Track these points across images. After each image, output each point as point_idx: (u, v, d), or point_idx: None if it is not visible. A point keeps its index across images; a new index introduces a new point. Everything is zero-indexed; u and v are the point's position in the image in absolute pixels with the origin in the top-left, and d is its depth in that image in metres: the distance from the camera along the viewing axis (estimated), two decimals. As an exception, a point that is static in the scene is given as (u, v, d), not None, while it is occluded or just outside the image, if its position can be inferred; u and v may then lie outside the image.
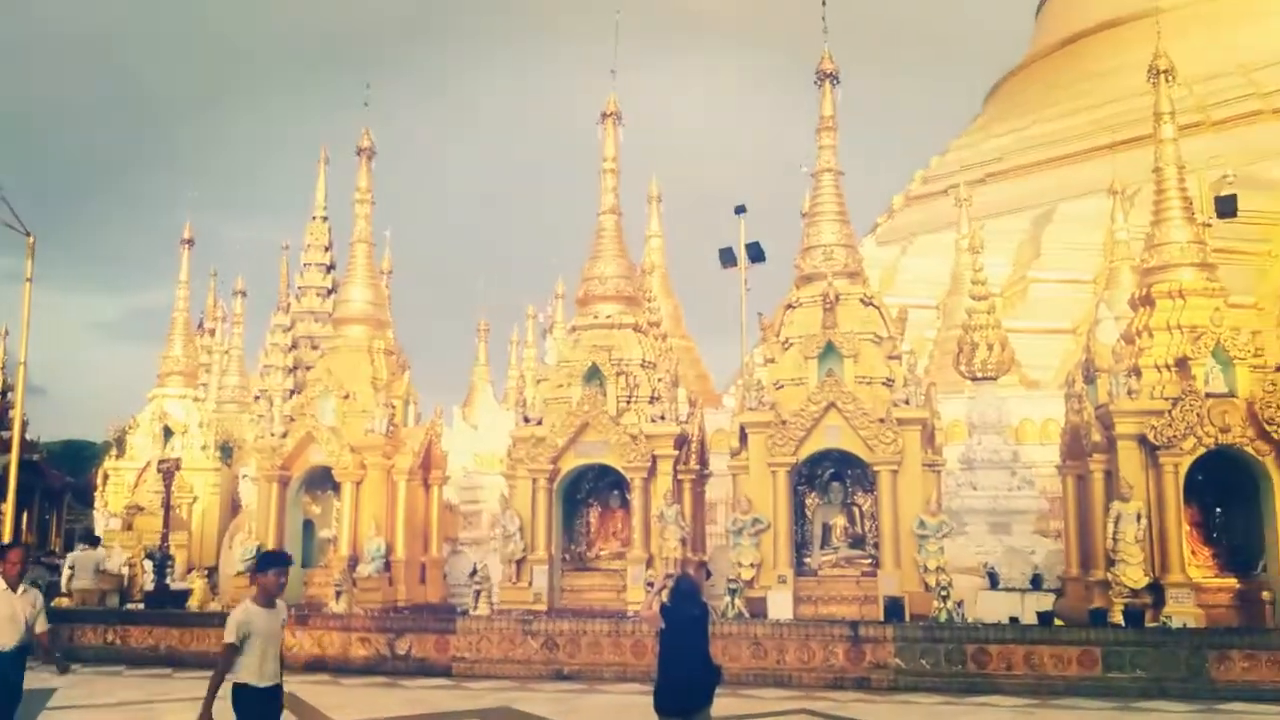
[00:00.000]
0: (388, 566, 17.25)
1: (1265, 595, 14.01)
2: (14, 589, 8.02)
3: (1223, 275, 15.95)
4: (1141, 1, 32.65)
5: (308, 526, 18.52)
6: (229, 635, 6.54)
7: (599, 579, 16.51)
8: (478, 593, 16.15)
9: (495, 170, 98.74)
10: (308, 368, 24.22)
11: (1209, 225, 21.63)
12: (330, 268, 29.53)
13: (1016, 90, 49.58)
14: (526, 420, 16.87)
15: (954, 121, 53.86)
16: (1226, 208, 26.94)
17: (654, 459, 15.95)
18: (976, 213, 32.55)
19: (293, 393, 24.93)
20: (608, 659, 14.29)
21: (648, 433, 16.00)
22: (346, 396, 17.84)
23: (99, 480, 26.02)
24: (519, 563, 16.23)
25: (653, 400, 16.50)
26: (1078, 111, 41.07)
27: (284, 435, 17.84)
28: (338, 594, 16.26)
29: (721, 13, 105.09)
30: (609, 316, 17.25)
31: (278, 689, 6.72)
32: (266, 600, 6.67)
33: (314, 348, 26.52)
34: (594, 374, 16.54)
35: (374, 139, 19.33)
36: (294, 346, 28.34)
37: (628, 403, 16.44)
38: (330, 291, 28.93)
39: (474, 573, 16.65)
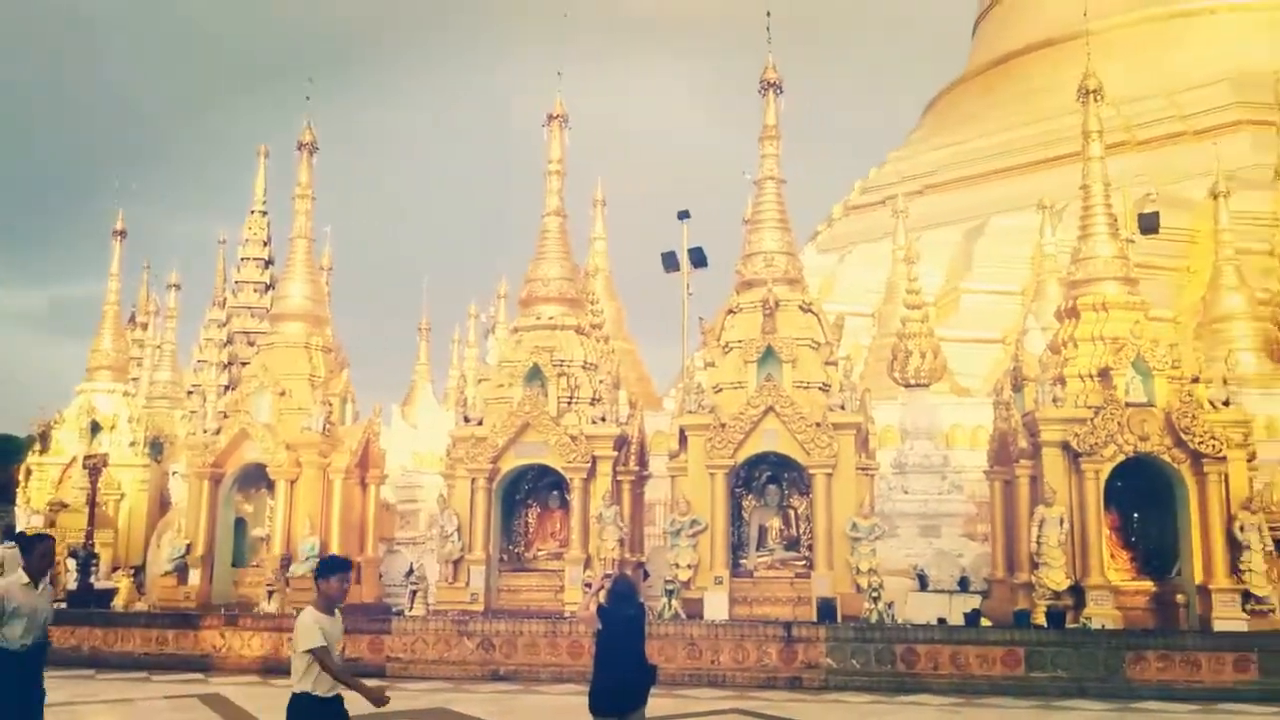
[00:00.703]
0: (322, 566, 17.07)
1: (1179, 598, 14.58)
2: (36, 584, 7.38)
3: (1144, 290, 16.58)
4: (1073, 23, 33.65)
5: (239, 525, 18.28)
6: (315, 639, 6.28)
7: (537, 579, 16.56)
8: (414, 593, 16.09)
9: (441, 171, 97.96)
10: (243, 364, 23.84)
11: (1132, 241, 22.41)
12: (269, 263, 29.08)
13: (953, 105, 50.69)
14: (467, 420, 16.86)
15: (894, 133, 54.87)
16: (1149, 225, 27.95)
17: (594, 460, 16.06)
18: (913, 224, 33.25)
19: (227, 389, 24.52)
20: (544, 660, 14.35)
21: (588, 434, 16.11)
22: (283, 393, 17.65)
23: (21, 476, 25.29)
24: (456, 563, 16.21)
25: (594, 401, 16.62)
26: (1011, 128, 42.10)
27: (217, 432, 17.60)
28: (269, 594, 16.08)
29: (667, 20, 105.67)
30: (551, 318, 17.33)
31: (339, 700, 6.47)
32: (327, 606, 6.49)
33: (250, 344, 26.10)
34: (535, 374, 16.60)
35: (316, 135, 19.16)
36: (229, 342, 27.85)
37: (569, 404, 16.54)
38: (268, 287, 28.49)
39: (410, 573, 16.59)
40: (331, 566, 6.62)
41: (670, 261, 27.62)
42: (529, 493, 17.33)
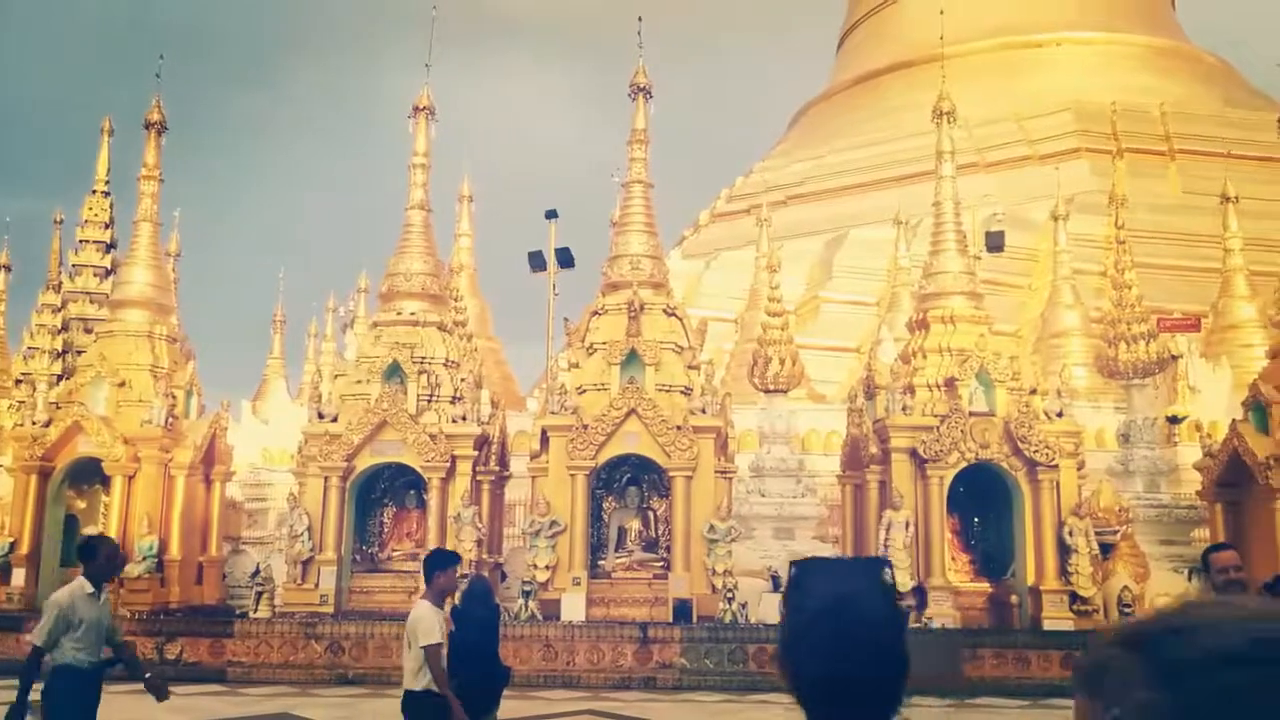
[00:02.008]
0: (160, 566, 16.28)
1: (1013, 598, 15.36)
2: (99, 593, 6.45)
3: (988, 305, 17.41)
4: (930, 46, 35.15)
5: (70, 522, 17.20)
6: (434, 635, 6.23)
7: (391, 580, 16.16)
8: (259, 594, 15.48)
9: (300, 161, 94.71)
10: (79, 352, 22.46)
11: (979, 258, 23.50)
12: (111, 246, 27.49)
13: (818, 118, 52.18)
14: (321, 416, 16.33)
15: (761, 143, 56.08)
16: (995, 243, 29.41)
17: (453, 459, 15.80)
18: (776, 233, 34.07)
19: (61, 378, 23.04)
20: (396, 662, 13.91)
21: (448, 433, 15.83)
22: (122, 384, 16.72)
23: None
24: (306, 563, 15.68)
25: (455, 400, 16.35)
26: (871, 144, 43.63)
27: (48, 423, 16.52)
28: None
29: (537, 21, 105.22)
30: (413, 314, 16.96)
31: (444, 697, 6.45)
32: (439, 600, 6.46)
33: (87, 331, 24.60)
34: (395, 371, 16.22)
35: (165, 113, 18.24)
36: (64, 329, 26.18)
37: (429, 402, 16.22)
38: (109, 272, 26.94)
39: (256, 573, 15.95)
40: (444, 560, 6.70)
41: (537, 261, 27.46)
42: (385, 492, 16.91)
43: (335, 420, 16.12)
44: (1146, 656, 0.99)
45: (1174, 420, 23.16)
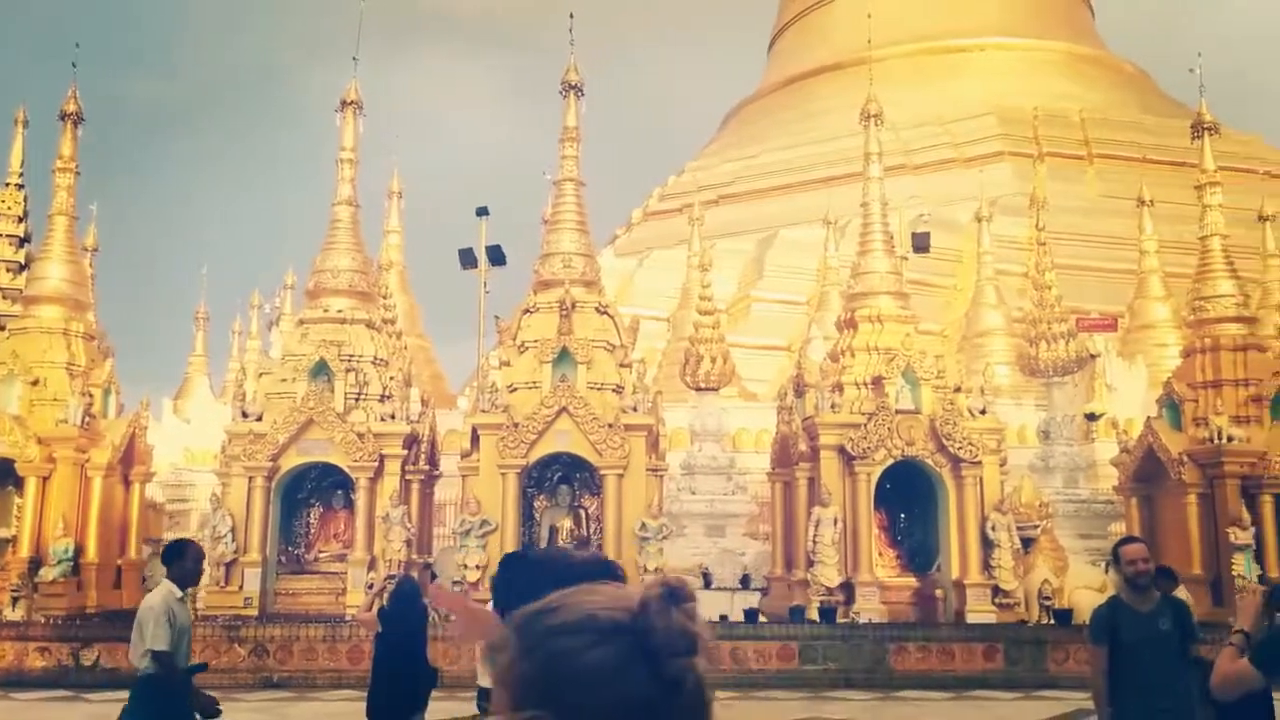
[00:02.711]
0: (77, 570, 15.77)
1: (939, 593, 15.66)
2: (184, 596, 6.25)
3: (915, 304, 17.73)
4: (858, 50, 35.69)
5: (-20, 526, 16.57)
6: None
7: (318, 582, 15.89)
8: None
9: (225, 155, 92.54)
10: (-11, 349, 21.62)
11: (906, 259, 23.89)
12: (25, 241, 26.53)
13: (749, 119, 52.61)
14: (245, 415, 15.97)
15: (694, 142, 56.34)
16: (921, 244, 29.97)
17: (381, 459, 15.58)
18: (708, 232, 34.27)
19: (-31, 377, 22.17)
20: (323, 665, 13.79)
21: (376, 431, 15.61)
22: (35, 383, 16.15)
23: None
24: (229, 565, 15.32)
25: (383, 399, 16.12)
26: (801, 145, 44.14)
27: (-44, 424, 15.88)
28: (14, 600, 14.69)
29: (471, 14, 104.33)
30: (340, 311, 16.68)
31: None
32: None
33: (0, 328, 23.73)
34: (321, 369, 15.94)
35: (81, 105, 17.67)
36: (-27, 325, 25.21)
37: (356, 400, 15.97)
38: (23, 267, 25.99)
39: (178, 576, 15.53)
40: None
41: (467, 258, 27.22)
42: (311, 492, 16.61)
43: (260, 419, 15.79)
44: (518, 634, 1.15)
45: (1092, 417, 23.87)
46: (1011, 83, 45.54)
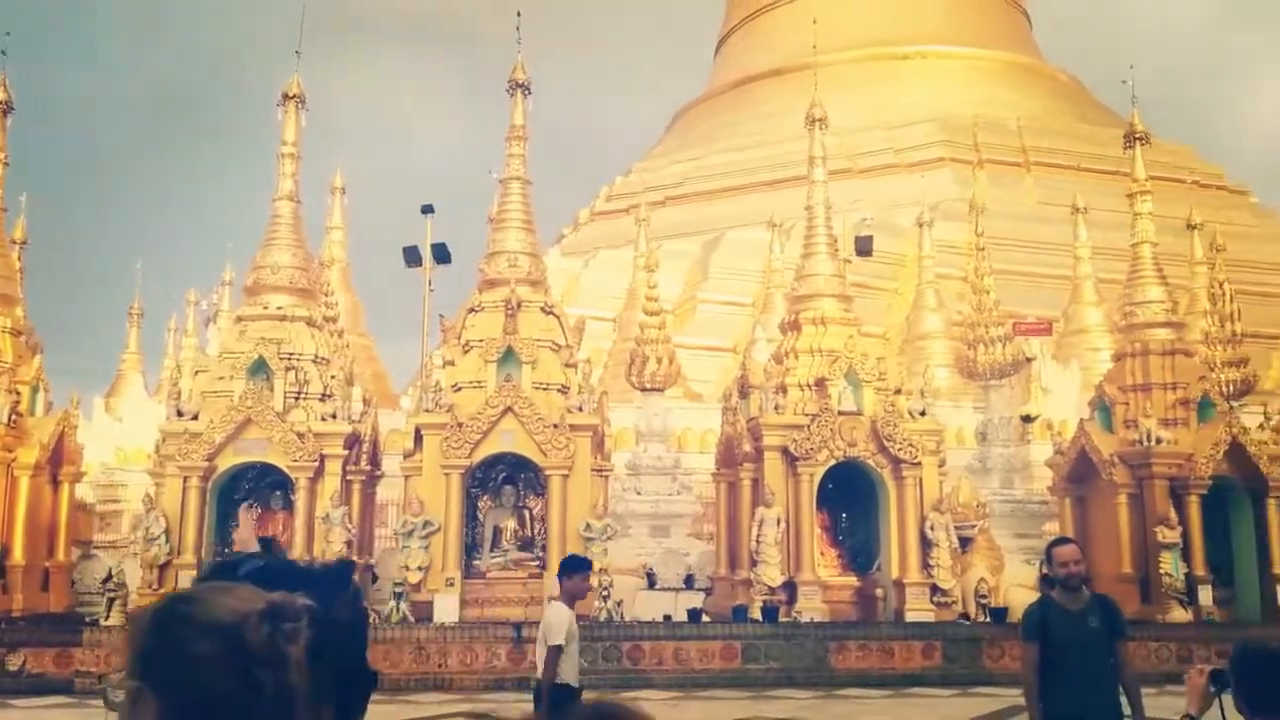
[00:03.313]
0: (3, 572, 15.32)
1: (879, 592, 15.88)
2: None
3: (857, 307, 17.95)
4: (803, 54, 36.03)
5: (-99, 528, 16.01)
6: (558, 637, 6.63)
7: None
8: (111, 601, 14.73)
9: (164, 149, 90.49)
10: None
11: (849, 262, 24.18)
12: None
13: (696, 121, 52.83)
14: (181, 414, 15.64)
15: (641, 144, 56.44)
16: (864, 248, 30.32)
17: (322, 459, 15.35)
18: (655, 233, 34.35)
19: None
20: (260, 668, 13.54)
21: (316, 431, 15.38)
22: (-40, 380, 15.65)
23: None
24: (163, 568, 14.99)
25: (324, 398, 15.89)
26: (747, 148, 44.44)
27: (-125, 421, 15.34)
28: (-64, 605, 14.20)
29: (418, 9, 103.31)
30: (280, 308, 16.41)
31: (581, 690, 6.84)
32: (570, 603, 6.87)
33: (-80, 322, 22.93)
34: (260, 367, 15.67)
35: (11, 94, 17.16)
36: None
37: (296, 399, 15.73)
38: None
39: (108, 579, 15.18)
40: (578, 565, 7.10)
41: (412, 256, 26.92)
42: (249, 493, 16.32)
43: (196, 418, 15.47)
44: (154, 612, 1.29)
45: (1027, 419, 24.36)
46: (952, 90, 46.33)
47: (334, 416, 15.65)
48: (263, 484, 16.25)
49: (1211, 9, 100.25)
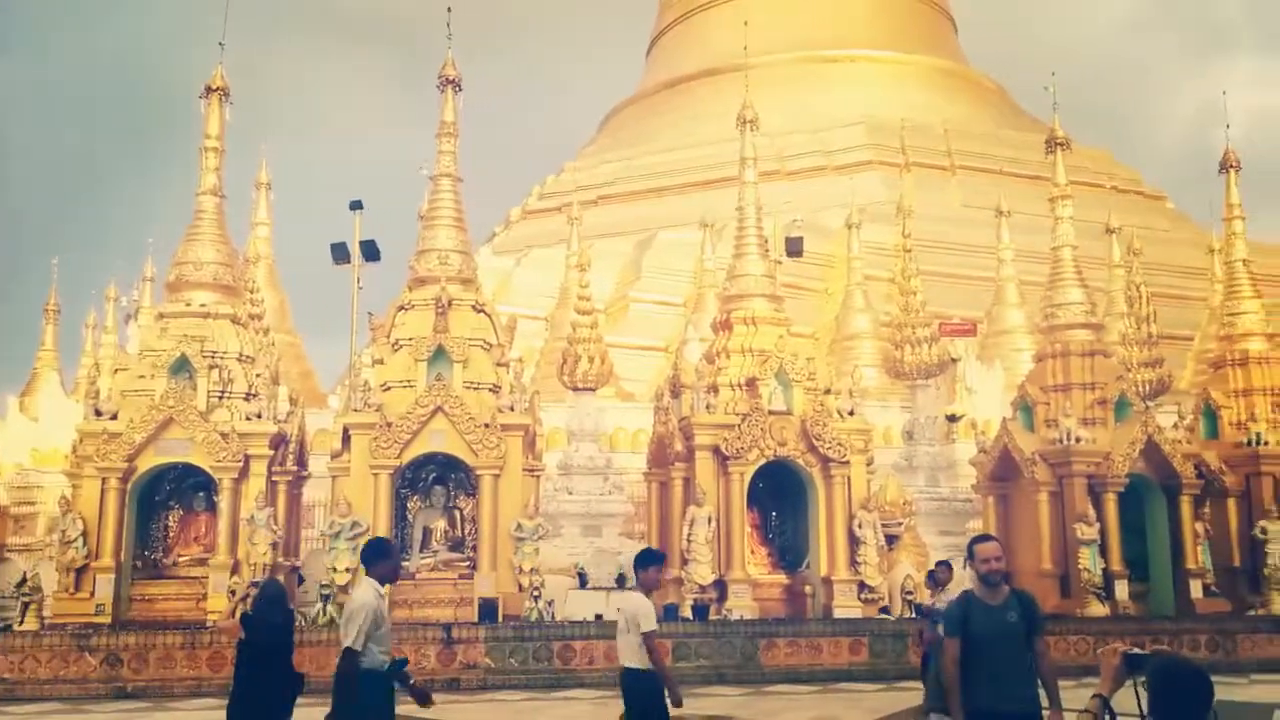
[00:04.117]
0: (-93, 579, 14.70)
1: (807, 589, 16.07)
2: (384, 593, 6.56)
3: (788, 307, 18.14)
4: (735, 56, 36.31)
5: None
6: (654, 623, 7.03)
7: (176, 588, 15.22)
8: (26, 605, 14.26)
9: (83, 141, 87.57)
10: None
11: (780, 263, 24.48)
12: None
13: (628, 120, 52.89)
14: (99, 413, 15.18)
15: (573, 143, 56.31)
16: (794, 249, 30.70)
17: (247, 459, 15.02)
18: (587, 232, 34.33)
19: None
20: (180, 674, 13.23)
21: (241, 431, 15.05)
22: None
23: None
24: (80, 571, 14.52)
25: (249, 397, 15.55)
26: (679, 148, 44.64)
27: None
28: None
29: (349, 4, 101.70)
30: (204, 305, 16.02)
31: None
32: (647, 594, 7.22)
33: None
34: (183, 366, 15.28)
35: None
36: None
37: (220, 398, 15.37)
38: None
39: (22, 582, 14.67)
40: (649, 559, 7.44)
41: (340, 253, 26.47)
42: (171, 494, 15.91)
43: (115, 418, 15.03)
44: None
45: (952, 419, 24.90)
46: (880, 94, 47.10)
47: (259, 416, 15.32)
48: (185, 485, 15.86)
49: (1125, 14, 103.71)
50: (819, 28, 49.53)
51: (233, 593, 13.15)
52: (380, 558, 6.50)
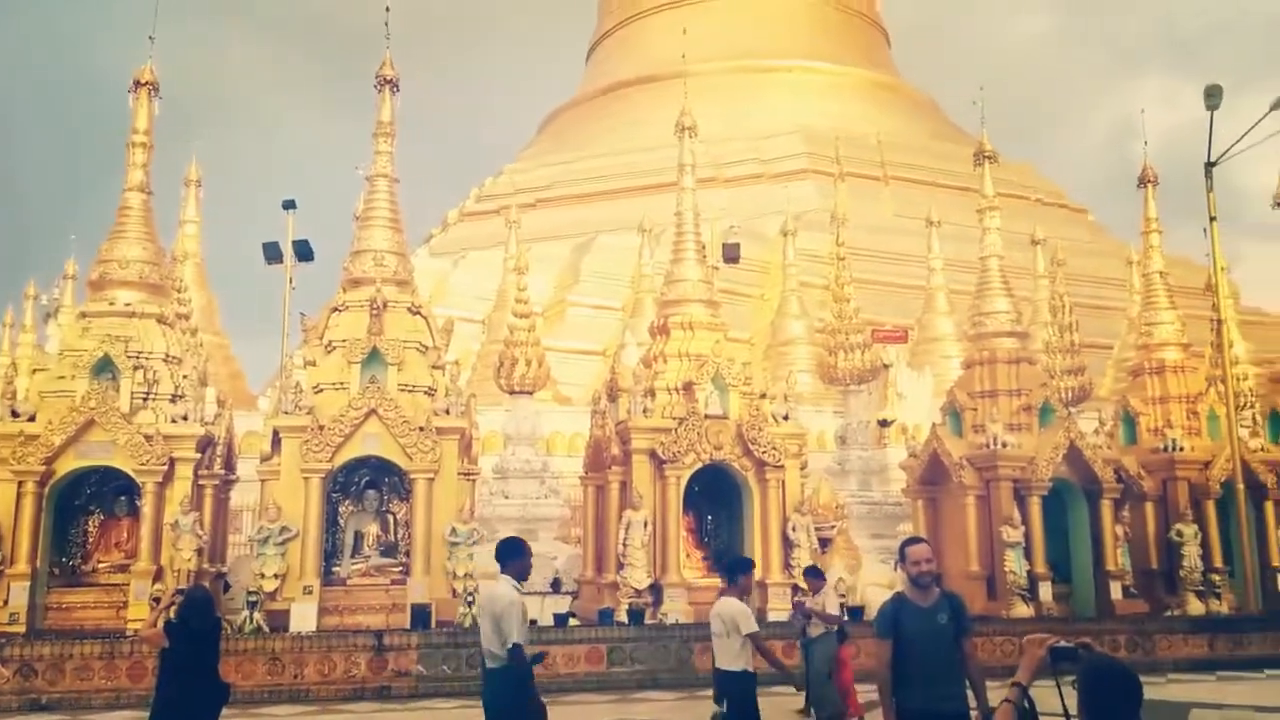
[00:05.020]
0: None
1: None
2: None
3: (724, 313, 18.27)
4: (673, 63, 36.50)
5: None
6: (752, 625, 7.42)
7: (96, 595, 14.76)
8: (-65, 615, 13.68)
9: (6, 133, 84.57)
10: None
11: (716, 268, 24.64)
12: None
13: (568, 124, 52.84)
14: (16, 414, 14.66)
15: (512, 145, 56.04)
16: (731, 255, 30.95)
17: (172, 462, 14.65)
18: (525, 235, 34.18)
19: None
20: (99, 684, 12.82)
21: (166, 433, 14.66)
22: None
23: None
24: (-7, 579, 14.01)
25: (175, 398, 15.17)
26: (619, 153, 44.73)
27: None
28: None
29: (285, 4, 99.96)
30: (129, 304, 15.59)
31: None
32: (742, 598, 7.70)
33: None
34: (105, 366, 14.85)
35: None
36: None
37: (145, 400, 14.97)
38: None
39: (-69, 592, 14.09)
40: (744, 565, 8.06)
41: (272, 252, 26.01)
42: (91, 498, 15.44)
43: (33, 419, 14.54)
44: None
45: (884, 424, 25.30)
46: (816, 104, 47.76)
47: (185, 418, 14.96)
48: (106, 489, 15.41)
49: (1044, 31, 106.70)
50: (757, 38, 50.06)
51: (155, 600, 12.79)
52: (515, 556, 6.82)
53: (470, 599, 14.35)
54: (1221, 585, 18.08)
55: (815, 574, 12.35)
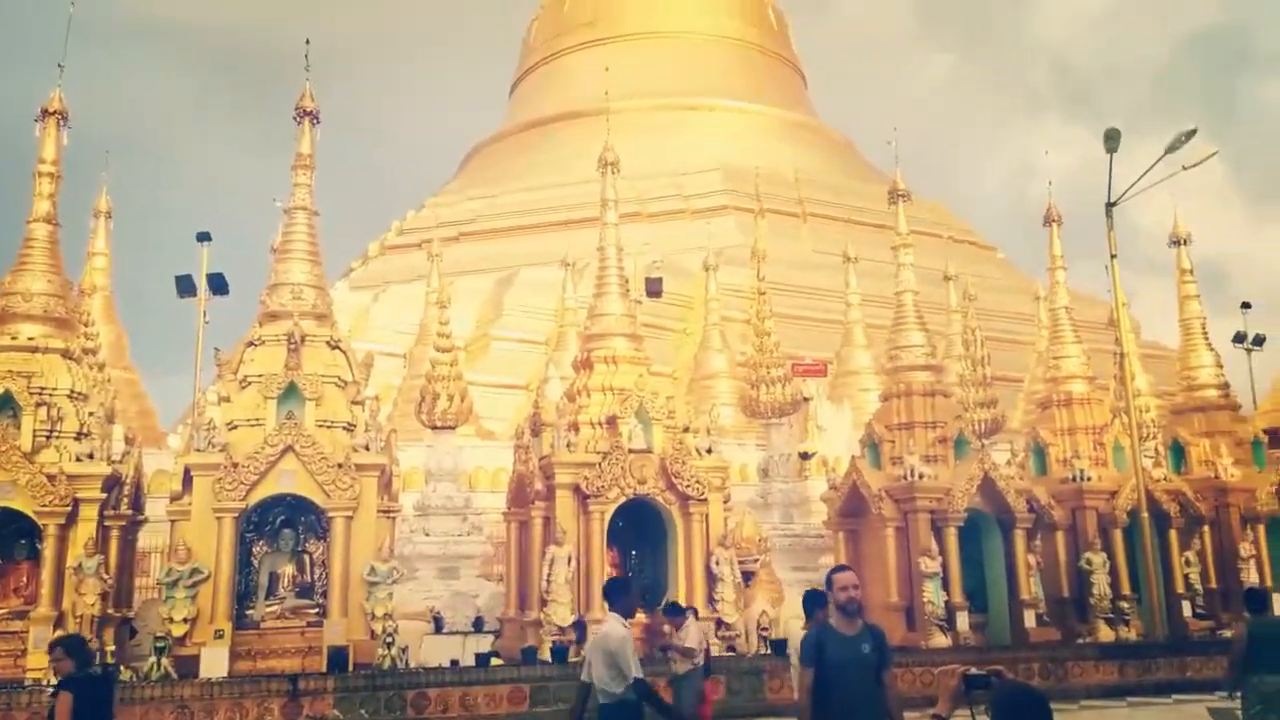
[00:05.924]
0: None
1: (666, 628, 16.09)
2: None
3: (648, 347, 18.35)
4: (596, 99, 36.82)
5: None
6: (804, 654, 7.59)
7: (-9, 644, 14.06)
8: None
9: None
10: None
11: (640, 303, 24.74)
12: None
13: (491, 158, 52.83)
14: (-94, 455, 13.98)
15: (431, 180, 55.76)
16: (654, 289, 31.18)
17: (76, 503, 14.09)
18: (448, 269, 33.95)
19: None
20: (-5, 737, 12.20)
21: (70, 473, 14.12)
22: None
23: None
24: (-121, 629, 13.28)
25: (80, 436, 14.63)
26: (542, 187, 44.85)
27: None
28: None
29: (196, 24, 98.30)
30: (32, 338, 15.02)
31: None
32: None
33: None
34: (6, 403, 14.27)
35: None
36: None
37: (48, 438, 14.40)
38: None
39: None
40: (821, 600, 7.96)
41: (185, 286, 25.33)
42: (-12, 541, 14.74)
43: (-75, 459, 13.87)
44: None
45: (805, 456, 25.61)
46: (736, 142, 48.62)
47: (91, 456, 14.42)
48: (5, 531, 14.71)
49: (943, 75, 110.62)
50: (679, 77, 50.84)
51: (52, 649, 12.24)
52: (622, 594, 7.52)
53: (389, 640, 14.04)
54: (1130, 612, 18.61)
55: (676, 611, 12.39)
